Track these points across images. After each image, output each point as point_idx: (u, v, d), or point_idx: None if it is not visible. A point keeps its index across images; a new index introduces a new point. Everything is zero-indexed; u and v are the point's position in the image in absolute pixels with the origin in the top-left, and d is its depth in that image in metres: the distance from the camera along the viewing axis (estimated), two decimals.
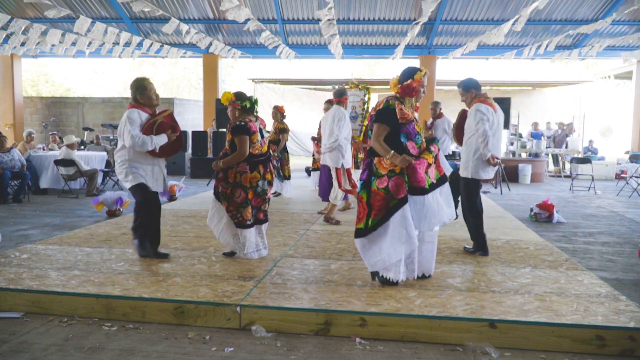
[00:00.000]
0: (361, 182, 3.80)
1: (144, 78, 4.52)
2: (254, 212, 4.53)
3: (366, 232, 3.71)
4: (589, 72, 25.58)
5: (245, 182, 4.43)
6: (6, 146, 9.14)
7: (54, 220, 7.10)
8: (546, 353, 3.03)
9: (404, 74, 3.80)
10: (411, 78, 3.74)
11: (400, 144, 3.69)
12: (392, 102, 3.73)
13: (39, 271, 4.14)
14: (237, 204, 4.43)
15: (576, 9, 13.00)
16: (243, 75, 31.14)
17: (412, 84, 3.72)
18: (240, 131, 4.39)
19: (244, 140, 4.38)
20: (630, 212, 8.26)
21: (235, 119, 4.53)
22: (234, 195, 4.42)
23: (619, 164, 14.25)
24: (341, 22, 13.44)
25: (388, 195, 3.64)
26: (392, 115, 3.67)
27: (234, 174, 4.42)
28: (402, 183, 3.64)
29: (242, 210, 4.43)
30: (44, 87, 30.27)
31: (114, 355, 2.96)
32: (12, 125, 16.16)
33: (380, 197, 3.65)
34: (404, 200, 3.63)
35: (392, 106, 3.70)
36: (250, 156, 4.43)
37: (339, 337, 3.22)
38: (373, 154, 3.77)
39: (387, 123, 3.68)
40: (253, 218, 4.53)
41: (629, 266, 4.93)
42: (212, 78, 15.51)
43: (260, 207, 4.57)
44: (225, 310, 3.37)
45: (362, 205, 3.77)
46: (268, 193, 4.64)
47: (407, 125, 3.70)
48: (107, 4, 13.42)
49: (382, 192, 3.65)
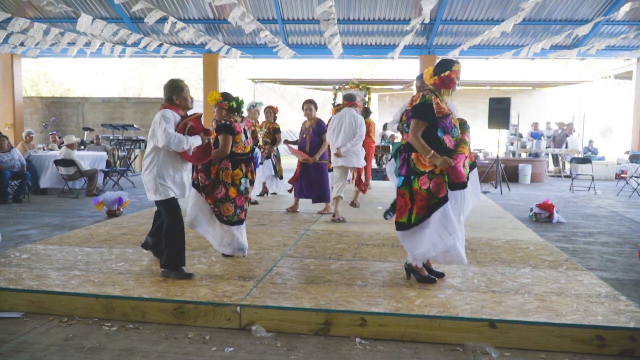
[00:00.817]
0: (402, 178, 3.80)
1: (180, 79, 4.36)
2: (237, 211, 4.55)
3: (408, 227, 3.76)
4: (589, 72, 25.58)
5: (227, 179, 4.53)
6: (5, 146, 9.13)
7: (54, 220, 7.10)
8: (546, 353, 3.03)
9: (441, 65, 3.77)
10: (449, 69, 3.71)
11: (437, 138, 3.68)
12: (428, 96, 3.68)
13: (39, 271, 4.14)
14: (216, 199, 4.53)
15: (576, 9, 13.00)
16: (243, 75, 31.14)
17: (450, 75, 3.71)
18: (224, 130, 4.52)
19: (227, 138, 4.50)
20: (630, 212, 8.27)
21: (222, 118, 4.65)
22: (214, 190, 4.53)
23: (619, 164, 14.25)
24: (341, 22, 13.43)
25: (429, 195, 3.67)
26: (430, 110, 3.64)
27: (217, 170, 4.53)
28: (442, 183, 3.67)
29: (220, 205, 4.52)
30: (44, 87, 30.27)
31: (114, 355, 2.96)
32: (12, 125, 16.16)
33: (422, 197, 3.69)
34: (445, 199, 3.66)
35: (429, 101, 3.67)
36: (233, 154, 4.54)
37: (339, 337, 3.22)
38: (410, 149, 3.74)
39: (425, 118, 3.65)
40: (235, 217, 4.55)
41: (629, 266, 4.93)
42: (212, 78, 15.50)
43: (243, 206, 4.61)
44: (225, 310, 3.37)
45: (404, 200, 3.78)
46: (250, 192, 4.73)
47: (444, 120, 3.69)
48: (107, 4, 13.42)
49: (424, 192, 3.68)
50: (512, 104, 11.41)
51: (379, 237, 5.56)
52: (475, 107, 20.86)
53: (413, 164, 3.72)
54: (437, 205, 3.66)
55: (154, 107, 17.04)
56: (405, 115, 3.82)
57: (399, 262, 4.52)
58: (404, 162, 3.80)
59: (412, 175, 3.72)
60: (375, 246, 5.11)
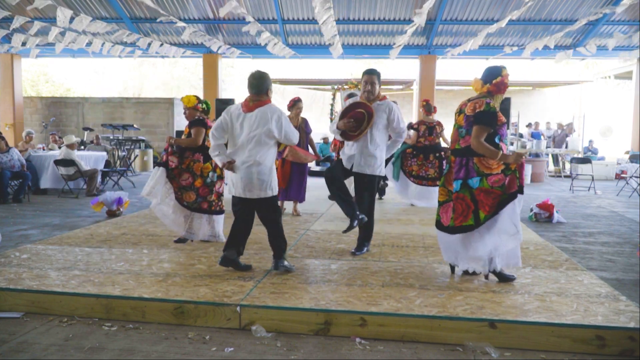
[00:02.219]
0: (459, 182, 3.82)
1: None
2: (199, 200, 5.02)
3: (475, 227, 3.78)
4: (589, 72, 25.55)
5: (197, 170, 5.01)
6: (4, 147, 9.11)
7: (54, 220, 7.10)
8: (546, 353, 3.03)
9: (490, 72, 3.86)
10: (500, 75, 3.81)
11: (496, 145, 3.76)
12: (492, 104, 3.78)
13: (39, 271, 4.13)
14: (181, 186, 5.01)
15: (576, 9, 13.00)
16: (243, 75, 31.13)
17: (503, 80, 3.81)
18: (198, 123, 5.00)
19: (200, 131, 4.98)
20: (630, 212, 8.27)
21: (191, 118, 5.12)
22: (180, 177, 5.00)
23: (619, 164, 14.26)
24: (341, 22, 13.44)
25: (502, 191, 3.72)
26: (495, 117, 3.74)
27: (189, 161, 5.01)
28: (515, 179, 3.75)
29: (183, 192, 5.01)
30: (44, 87, 30.26)
31: (114, 355, 2.96)
32: (12, 125, 16.16)
33: (495, 195, 3.72)
34: (514, 194, 3.71)
35: (494, 109, 3.76)
36: (205, 148, 4.91)
37: (339, 337, 3.22)
38: (469, 153, 3.79)
39: (490, 125, 3.74)
40: (195, 204, 5.01)
41: (629, 266, 4.93)
42: (212, 78, 15.51)
43: (206, 197, 5.03)
44: (225, 310, 3.37)
45: (464, 203, 3.79)
46: (220, 187, 5.10)
47: (502, 127, 3.81)
48: (107, 4, 13.43)
49: (498, 189, 3.72)
50: (512, 104, 11.41)
51: (379, 237, 5.56)
52: None
53: (476, 167, 3.77)
54: (507, 200, 3.72)
55: (154, 107, 17.05)
56: (465, 120, 3.84)
57: (399, 262, 4.52)
58: (460, 166, 3.84)
59: (477, 176, 3.77)
60: (375, 246, 5.11)
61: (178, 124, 16.90)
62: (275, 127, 3.99)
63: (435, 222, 4.11)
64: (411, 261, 4.57)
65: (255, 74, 4.11)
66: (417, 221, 6.65)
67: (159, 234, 5.65)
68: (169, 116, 16.90)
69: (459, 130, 3.90)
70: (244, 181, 4.02)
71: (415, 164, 7.97)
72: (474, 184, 3.76)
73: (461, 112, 3.92)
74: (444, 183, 4.04)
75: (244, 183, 4.02)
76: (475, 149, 3.74)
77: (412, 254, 4.85)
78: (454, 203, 3.87)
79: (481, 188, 3.74)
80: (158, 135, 16.83)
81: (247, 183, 4.02)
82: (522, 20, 13.40)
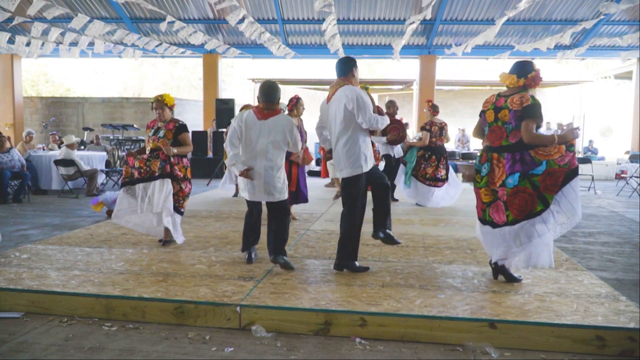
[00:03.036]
0: (517, 175, 3.77)
1: None
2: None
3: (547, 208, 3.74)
4: (589, 72, 25.56)
5: (190, 176, 5.11)
6: (6, 146, 9.13)
7: (54, 220, 7.10)
8: (546, 353, 3.03)
9: (523, 67, 3.87)
10: (533, 69, 3.84)
11: None
12: (536, 98, 3.80)
13: (39, 271, 4.14)
14: (187, 194, 5.08)
15: (576, 9, 13.01)
16: (243, 75, 31.12)
17: (538, 73, 3.85)
18: (186, 129, 5.06)
19: (189, 136, 5.08)
20: (630, 212, 8.27)
21: (165, 119, 5.03)
22: (183, 186, 5.02)
23: (619, 164, 14.26)
24: (341, 22, 13.44)
25: (567, 167, 3.73)
26: (541, 110, 3.79)
27: (181, 168, 5.01)
28: (575, 155, 3.79)
29: (186, 200, 5.11)
30: (44, 87, 30.26)
31: (114, 355, 2.96)
32: (12, 125, 16.16)
33: (561, 172, 3.71)
34: (577, 170, 3.74)
35: (539, 102, 3.78)
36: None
37: (339, 337, 3.22)
38: (523, 147, 3.77)
39: (540, 117, 3.78)
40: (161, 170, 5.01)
41: (629, 266, 4.93)
42: (212, 78, 15.51)
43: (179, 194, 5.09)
44: (225, 310, 3.37)
45: (526, 194, 3.75)
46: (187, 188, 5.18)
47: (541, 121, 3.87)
48: (107, 4, 13.43)
49: (565, 167, 3.72)
50: None
51: None
52: (475, 107, 20.85)
53: (536, 159, 3.76)
54: (572, 176, 3.72)
55: None
56: (513, 116, 3.79)
57: (399, 262, 4.52)
58: (514, 161, 3.80)
59: (538, 166, 3.74)
60: (375, 246, 5.11)
61: None
62: (289, 135, 4.25)
63: (481, 221, 4.01)
64: (411, 261, 4.57)
65: (269, 84, 4.30)
66: (417, 221, 6.65)
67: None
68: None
69: (504, 127, 3.83)
70: (265, 186, 4.21)
71: (429, 166, 7.90)
72: (539, 171, 3.74)
73: (501, 108, 3.84)
74: (487, 183, 3.93)
75: (266, 187, 4.22)
76: (531, 142, 3.73)
77: (412, 254, 4.85)
78: (511, 198, 3.80)
79: (548, 170, 3.72)
80: None
81: (268, 187, 4.21)
82: (522, 20, 13.41)
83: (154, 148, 4.95)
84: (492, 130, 3.90)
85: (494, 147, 3.90)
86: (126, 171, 4.97)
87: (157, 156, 4.92)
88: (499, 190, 3.85)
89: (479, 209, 4.03)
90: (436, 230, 6.06)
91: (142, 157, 4.93)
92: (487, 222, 3.95)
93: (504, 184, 3.82)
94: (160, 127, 5.01)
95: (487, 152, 3.95)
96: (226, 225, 6.22)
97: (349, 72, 4.25)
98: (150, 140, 4.97)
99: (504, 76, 3.93)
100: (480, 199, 4.00)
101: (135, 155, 5.00)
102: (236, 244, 5.13)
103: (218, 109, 12.73)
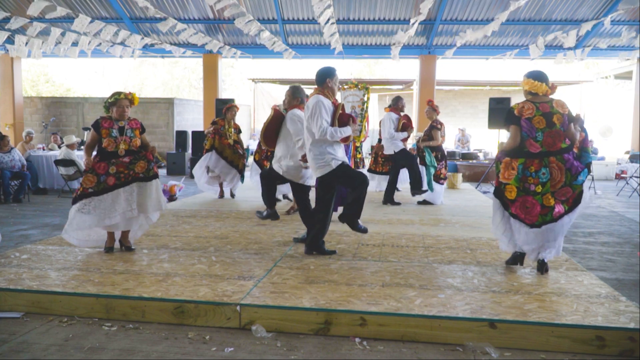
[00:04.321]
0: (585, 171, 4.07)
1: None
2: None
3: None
4: (589, 72, 25.57)
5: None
6: (7, 146, 9.13)
7: (54, 220, 7.10)
8: (546, 353, 3.03)
9: (544, 76, 4.09)
10: (548, 78, 4.09)
11: None
12: None
13: (39, 271, 4.14)
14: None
15: (576, 9, 13.00)
16: (243, 75, 31.13)
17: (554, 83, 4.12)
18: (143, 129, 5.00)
19: None
20: (630, 212, 8.27)
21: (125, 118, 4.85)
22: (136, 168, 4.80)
23: (619, 164, 14.26)
24: (341, 22, 13.44)
25: None
26: None
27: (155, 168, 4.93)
28: None
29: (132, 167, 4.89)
30: (44, 87, 30.27)
31: (114, 355, 2.96)
32: (12, 125, 16.16)
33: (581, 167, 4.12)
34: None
35: None
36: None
37: (339, 337, 3.22)
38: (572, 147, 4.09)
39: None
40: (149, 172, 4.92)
41: (629, 266, 4.93)
42: (212, 78, 15.51)
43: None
44: (225, 309, 3.37)
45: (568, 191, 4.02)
46: None
47: None
48: (107, 4, 13.42)
49: None
50: (512, 104, 11.40)
51: (379, 237, 5.56)
52: (475, 107, 20.86)
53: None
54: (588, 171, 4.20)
55: (153, 107, 17.04)
56: (563, 122, 4.01)
57: (399, 262, 4.52)
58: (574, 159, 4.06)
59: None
60: (375, 246, 5.11)
61: (178, 124, 16.90)
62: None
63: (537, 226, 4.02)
64: (411, 261, 4.57)
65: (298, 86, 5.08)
66: (417, 221, 6.65)
67: (158, 233, 5.65)
68: (169, 116, 16.90)
69: (561, 130, 4.01)
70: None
71: (443, 167, 7.99)
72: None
73: (551, 113, 3.99)
74: (549, 189, 3.99)
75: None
76: (575, 142, 4.09)
77: (412, 254, 4.85)
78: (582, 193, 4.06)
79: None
80: (158, 135, 16.83)
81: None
82: (522, 20, 13.40)
83: (128, 149, 4.70)
84: (550, 135, 3.99)
85: (552, 151, 4.00)
86: (91, 180, 4.58)
87: (144, 157, 4.76)
88: (560, 191, 4.00)
89: (534, 215, 4.01)
90: (436, 230, 6.06)
91: (120, 162, 4.63)
92: (547, 222, 4.01)
93: (569, 184, 3.99)
94: (124, 126, 4.76)
95: (540, 157, 4.00)
96: (226, 225, 6.22)
97: (323, 83, 4.58)
98: (121, 141, 4.68)
99: (536, 85, 4.07)
100: (539, 204, 4.00)
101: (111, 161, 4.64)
102: (236, 244, 5.14)
103: (218, 109, 12.73)
